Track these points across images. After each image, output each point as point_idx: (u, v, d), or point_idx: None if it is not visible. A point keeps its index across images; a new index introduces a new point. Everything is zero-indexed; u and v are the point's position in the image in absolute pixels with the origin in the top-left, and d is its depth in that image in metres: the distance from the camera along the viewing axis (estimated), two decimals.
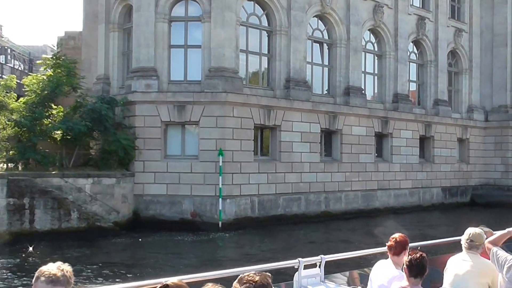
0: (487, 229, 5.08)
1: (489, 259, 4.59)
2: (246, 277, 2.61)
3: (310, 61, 21.48)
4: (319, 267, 4.67)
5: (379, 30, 23.77)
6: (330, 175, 20.90)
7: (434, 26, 26.34)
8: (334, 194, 20.96)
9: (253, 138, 18.61)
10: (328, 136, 21.62)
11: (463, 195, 27.29)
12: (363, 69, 23.22)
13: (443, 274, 4.70)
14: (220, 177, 17.38)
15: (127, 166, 18.14)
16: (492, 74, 28.74)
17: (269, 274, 2.71)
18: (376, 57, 24.23)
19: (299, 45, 20.27)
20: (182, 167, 17.90)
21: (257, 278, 2.58)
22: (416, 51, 26.23)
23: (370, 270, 4.73)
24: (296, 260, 4.49)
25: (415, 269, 3.84)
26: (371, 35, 23.92)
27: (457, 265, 4.54)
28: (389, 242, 4.49)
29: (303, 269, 4.54)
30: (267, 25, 20.12)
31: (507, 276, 4.30)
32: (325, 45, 22.18)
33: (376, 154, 23.37)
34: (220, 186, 17.37)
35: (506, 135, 28.01)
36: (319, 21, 21.90)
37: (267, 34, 20.22)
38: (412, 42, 25.70)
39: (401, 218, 22.51)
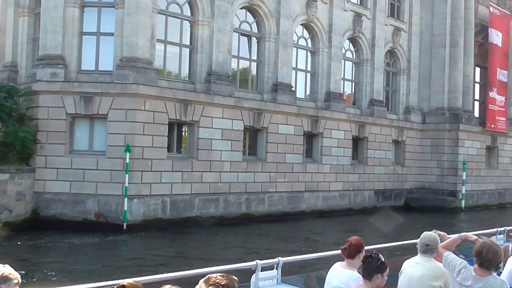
0: (441, 233, 5.29)
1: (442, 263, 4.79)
2: (213, 278, 2.70)
3: (237, 54, 20.45)
4: (277, 269, 4.72)
5: (312, 25, 22.93)
6: (253, 175, 19.91)
7: (372, 24, 25.73)
8: (256, 195, 19.99)
9: (167, 134, 17.40)
10: (253, 134, 20.66)
11: (397, 199, 26.84)
12: (294, 65, 22.35)
13: (398, 277, 4.72)
14: (127, 175, 16.12)
15: (27, 161, 16.68)
16: (430, 75, 28.40)
17: (236, 278, 2.79)
18: (309, 53, 23.39)
19: (223, 37, 19.19)
20: (88, 164, 16.55)
21: (224, 282, 2.67)
22: (352, 49, 25.56)
23: (327, 272, 4.72)
24: (254, 262, 4.54)
25: (370, 271, 3.95)
26: (304, 30, 23.08)
27: (411, 268, 4.61)
28: (344, 245, 4.60)
29: (260, 271, 4.58)
30: (189, 14, 18.94)
31: (458, 280, 4.48)
32: (253, 38, 21.17)
33: (306, 155, 22.59)
34: (127, 184, 16.11)
35: (443, 138, 27.72)
36: (248, 13, 20.88)
37: (189, 24, 19.05)
38: (348, 39, 25.00)
39: (328, 222, 21.82)
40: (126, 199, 16.11)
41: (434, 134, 27.93)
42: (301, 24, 22.68)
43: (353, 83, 25.86)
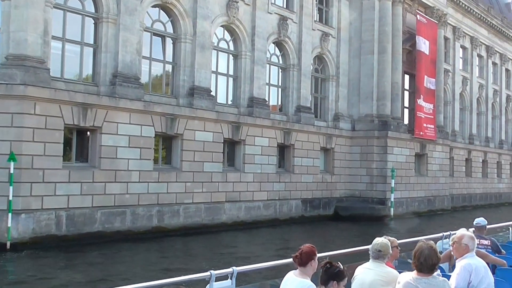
0: (392, 239, 5.34)
1: (394, 268, 4.96)
2: None
3: (148, 56, 19.02)
4: (231, 278, 4.70)
5: (234, 27, 21.81)
6: (166, 186, 18.42)
7: (298, 28, 24.91)
8: (170, 207, 18.48)
9: (63, 141, 15.66)
10: (167, 142, 19.21)
11: (326, 208, 25.99)
12: (214, 69, 21.13)
13: (351, 283, 4.74)
14: (11, 187, 14.24)
15: None
16: (360, 82, 27.90)
17: None
18: (231, 57, 22.24)
19: (131, 36, 17.67)
20: None
21: None
22: (278, 53, 24.64)
23: (281, 281, 4.64)
24: (208, 273, 4.52)
25: (327, 277, 4.08)
26: (226, 32, 21.93)
27: (363, 274, 4.70)
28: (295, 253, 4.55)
29: (215, 281, 4.56)
30: (93, 11, 17.35)
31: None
32: (168, 39, 19.80)
33: (227, 163, 21.35)
34: (11, 198, 14.22)
35: (372, 145, 27.19)
36: (162, 11, 19.51)
37: (93, 22, 17.45)
38: (273, 43, 24.07)
39: (250, 233, 20.61)
40: (10, 214, 14.23)
41: (363, 141, 27.37)
42: (222, 26, 21.51)
43: (280, 89, 24.90)
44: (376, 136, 26.99)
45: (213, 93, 20.61)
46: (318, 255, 4.59)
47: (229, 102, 22.12)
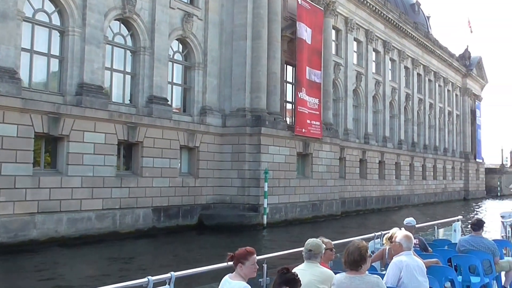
0: (326, 240, 5.45)
1: (328, 268, 5.08)
2: None
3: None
4: (169, 284, 4.65)
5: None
6: None
7: (151, 4, 21.05)
8: None
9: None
10: None
11: (188, 217, 22.23)
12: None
13: None
14: None
15: None
16: (232, 71, 24.48)
17: None
18: (57, 34, 17.95)
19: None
20: None
21: None
22: (125, 33, 20.65)
23: (218, 285, 4.59)
24: (145, 279, 4.41)
25: (279, 281, 4.04)
26: (50, 3, 17.61)
27: (299, 275, 4.43)
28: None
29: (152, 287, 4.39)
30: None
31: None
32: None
33: (44, 165, 17.07)
34: None
35: (243, 143, 23.77)
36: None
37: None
38: (117, 20, 20.06)
39: (73, 252, 16.39)
40: None
41: (234, 139, 23.90)
42: None
43: (129, 76, 20.89)
44: (248, 133, 23.60)
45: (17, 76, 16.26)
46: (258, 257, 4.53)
47: (50, 89, 17.79)
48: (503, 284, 7.83)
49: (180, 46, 23.30)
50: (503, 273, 7.99)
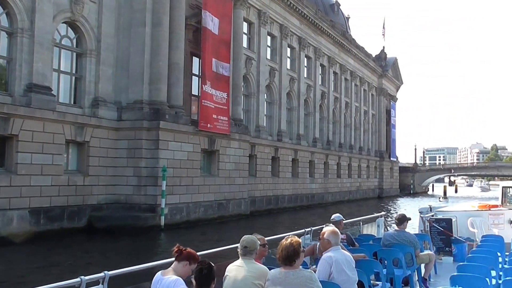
0: (259, 236, 5.41)
1: (262, 264, 5.02)
2: None
3: None
4: (103, 283, 4.60)
5: None
6: None
7: None
8: None
9: None
10: None
11: (75, 219, 20.10)
12: None
13: (222, 282, 4.79)
14: None
15: None
16: (129, 61, 22.57)
17: None
18: None
19: None
20: None
21: None
22: (0, 11, 18.22)
23: (151, 284, 4.40)
24: (78, 279, 4.34)
25: (199, 279, 4.06)
26: None
27: (234, 272, 4.74)
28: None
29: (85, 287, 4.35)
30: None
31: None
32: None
33: None
34: None
35: (140, 138, 21.95)
36: None
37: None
38: None
39: None
40: None
41: (131, 134, 22.02)
42: None
43: (3, 60, 18.47)
44: (145, 127, 21.82)
45: None
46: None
47: None
48: (422, 275, 8.15)
49: (70, 30, 21.09)
50: (423, 265, 8.32)
